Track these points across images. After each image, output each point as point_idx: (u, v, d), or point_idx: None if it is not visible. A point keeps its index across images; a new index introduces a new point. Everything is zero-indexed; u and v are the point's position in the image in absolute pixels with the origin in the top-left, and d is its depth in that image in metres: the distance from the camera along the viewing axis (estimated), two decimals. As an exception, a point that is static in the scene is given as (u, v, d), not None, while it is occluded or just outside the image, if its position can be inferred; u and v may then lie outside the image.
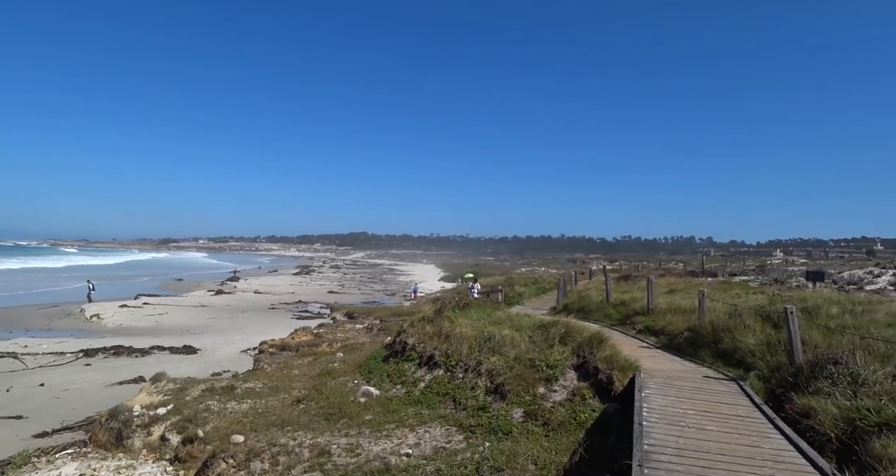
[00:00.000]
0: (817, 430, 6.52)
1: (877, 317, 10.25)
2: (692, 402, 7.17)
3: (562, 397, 8.72)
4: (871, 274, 23.81)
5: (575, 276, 30.04)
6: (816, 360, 7.89)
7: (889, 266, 25.47)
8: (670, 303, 14.39)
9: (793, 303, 10.45)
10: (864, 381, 7.11)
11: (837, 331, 9.17)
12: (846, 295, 14.58)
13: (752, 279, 25.43)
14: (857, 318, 10.29)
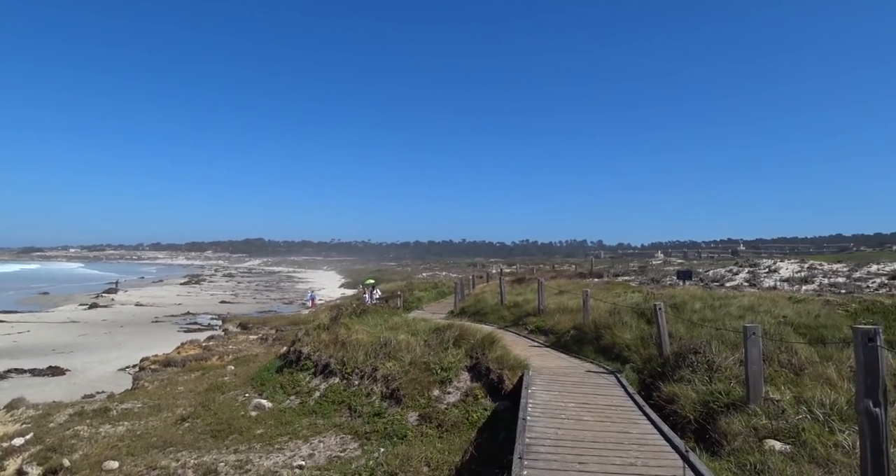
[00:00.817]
0: (679, 413, 7.23)
1: (731, 310, 11.53)
2: (573, 395, 7.67)
3: (456, 398, 8.95)
4: (731, 272, 26.74)
5: (473, 279, 30.82)
6: (680, 351, 8.75)
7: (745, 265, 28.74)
8: (559, 303, 15.25)
9: (663, 300, 11.46)
10: (717, 368, 7.99)
11: (699, 324, 10.20)
12: (709, 291, 16.25)
13: (632, 279, 27.59)
14: (715, 312, 11.50)
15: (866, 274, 23.79)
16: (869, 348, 3.92)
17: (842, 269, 25.77)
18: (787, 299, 12.89)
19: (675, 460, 5.13)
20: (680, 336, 9.48)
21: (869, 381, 3.94)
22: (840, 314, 11.10)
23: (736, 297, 12.98)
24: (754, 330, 6.67)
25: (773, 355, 8.04)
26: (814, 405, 6.15)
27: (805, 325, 10.02)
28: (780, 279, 23.59)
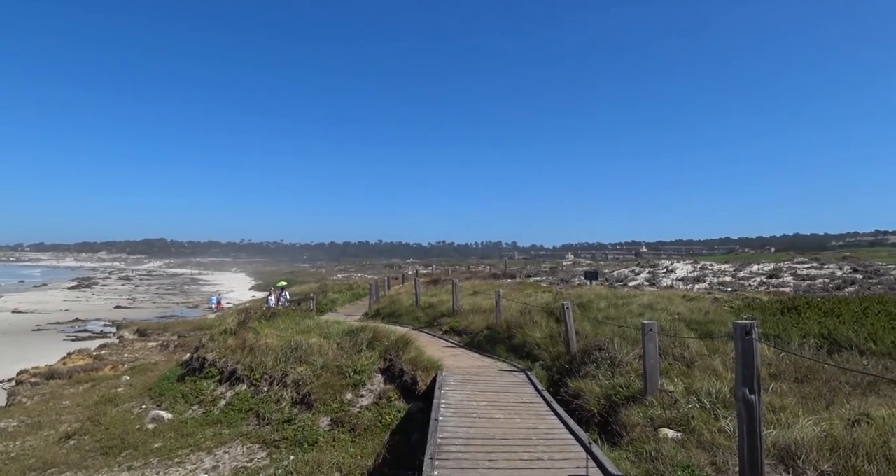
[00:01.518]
0: (585, 407, 7.58)
1: (632, 308, 12.25)
2: (486, 394, 7.82)
3: (369, 401, 8.85)
4: (634, 272, 28.49)
5: (389, 281, 30.68)
6: (586, 348, 9.18)
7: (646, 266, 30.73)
8: (473, 304, 15.51)
9: (571, 300, 11.97)
10: (619, 363, 8.44)
11: (603, 322, 10.76)
12: (613, 291, 17.20)
13: (544, 279, 28.66)
14: (618, 310, 12.18)
15: (748, 273, 26.22)
16: (746, 341, 4.30)
17: (728, 269, 28.23)
18: (681, 297, 13.89)
19: (580, 453, 5.37)
20: (586, 334, 9.94)
21: (746, 371, 4.32)
22: (726, 310, 12.10)
23: (637, 296, 13.81)
24: (651, 327, 7.11)
25: (668, 350, 8.63)
26: (702, 394, 6.64)
27: (696, 321, 10.84)
28: (676, 278, 25.46)
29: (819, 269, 26.23)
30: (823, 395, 6.66)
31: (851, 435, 4.76)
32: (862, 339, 8.46)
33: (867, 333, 8.70)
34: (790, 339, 8.74)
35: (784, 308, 11.34)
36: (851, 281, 21.14)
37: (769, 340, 8.80)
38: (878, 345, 8.26)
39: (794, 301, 12.10)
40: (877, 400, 6.21)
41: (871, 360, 7.91)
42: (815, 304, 11.56)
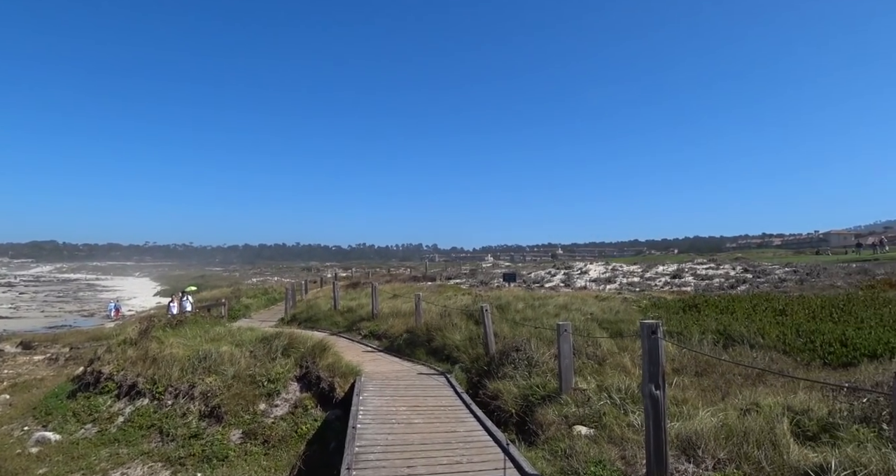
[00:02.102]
0: (503, 408, 7.68)
1: (548, 309, 12.64)
2: (405, 399, 7.74)
3: (284, 411, 8.51)
4: (550, 274, 29.46)
5: (306, 284, 29.80)
6: (504, 350, 9.32)
7: (561, 267, 31.90)
8: (393, 307, 15.38)
9: (489, 302, 12.16)
10: (536, 363, 8.64)
11: (521, 323, 11.00)
12: (531, 292, 17.69)
13: (464, 282, 28.99)
14: (535, 311, 12.51)
15: (655, 274, 27.92)
16: (652, 340, 4.52)
17: (637, 270, 29.90)
18: (594, 298, 14.53)
19: (498, 454, 5.42)
20: (504, 335, 10.11)
21: (652, 369, 4.54)
22: (635, 310, 12.79)
23: (553, 297, 14.28)
24: (566, 328, 7.33)
25: (582, 349, 8.95)
26: (613, 391, 6.92)
27: (608, 320, 11.34)
28: (589, 280, 26.62)
29: (715, 269, 28.41)
30: (720, 387, 7.16)
31: (743, 423, 5.12)
32: (752, 333, 9.20)
33: (756, 328, 9.48)
34: (691, 336, 9.35)
35: (686, 306, 12.14)
36: (743, 280, 23.04)
37: (673, 337, 9.37)
38: (765, 338, 9.01)
39: (694, 300, 13.01)
40: (765, 389, 6.75)
41: (760, 352, 8.62)
42: (712, 302, 12.46)
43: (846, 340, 8.58)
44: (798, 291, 16.88)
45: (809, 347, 8.55)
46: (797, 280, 21.43)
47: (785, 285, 19.98)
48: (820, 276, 21.74)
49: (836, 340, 8.60)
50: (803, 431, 5.06)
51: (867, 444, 4.38)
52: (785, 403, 5.57)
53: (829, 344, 8.52)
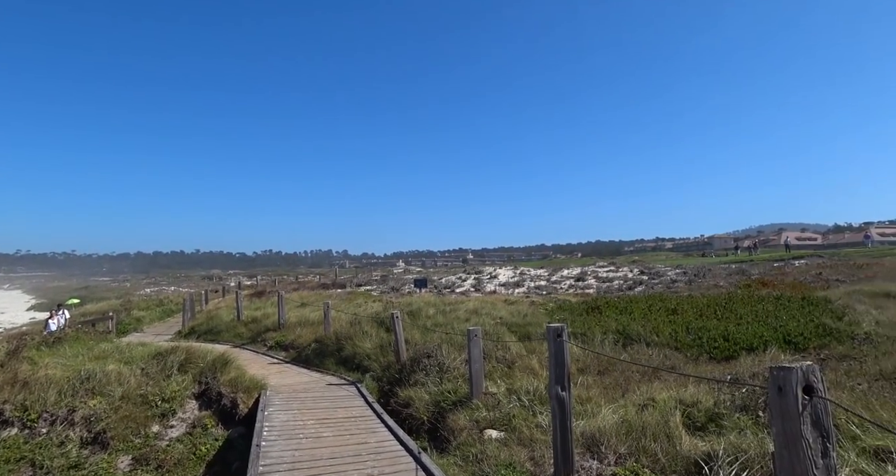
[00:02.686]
0: (415, 416, 7.62)
1: (459, 314, 12.75)
2: (314, 411, 7.46)
3: (180, 432, 7.89)
4: (461, 279, 29.82)
5: (206, 294, 28.09)
6: (416, 356, 9.27)
7: (472, 272, 32.44)
8: (301, 316, 14.86)
9: (400, 308, 12.08)
10: (447, 369, 8.66)
11: (432, 329, 11.00)
12: (442, 297, 17.78)
13: (374, 288, 28.63)
14: (446, 317, 12.58)
15: (560, 277, 29.11)
16: (557, 343, 4.65)
17: (543, 274, 31.03)
18: (503, 302, 14.86)
19: (410, 463, 5.34)
20: (415, 342, 10.06)
21: (558, 370, 4.67)
22: (542, 312, 13.22)
23: (463, 302, 14.43)
24: (476, 333, 7.40)
25: (492, 353, 9.09)
26: (522, 393, 7.07)
27: (516, 323, 11.63)
28: (499, 284, 27.25)
29: (615, 271, 30.13)
30: (620, 385, 7.54)
31: (641, 418, 5.40)
32: (648, 332, 9.80)
33: (652, 327, 10.10)
34: (594, 336, 9.80)
35: (588, 308, 12.72)
36: (640, 282, 24.59)
37: (577, 339, 9.76)
38: (659, 336, 9.63)
39: (596, 301, 13.68)
40: (660, 384, 7.18)
41: (655, 350, 9.20)
42: (612, 303, 13.16)
43: (728, 336, 9.37)
44: (687, 291, 18.27)
45: (698, 343, 9.24)
46: (686, 281, 23.22)
47: (676, 286, 21.57)
48: (706, 277, 23.71)
49: (719, 336, 9.36)
50: (693, 422, 5.42)
51: (746, 431, 4.77)
52: (677, 397, 5.95)
53: (713, 340, 9.26)
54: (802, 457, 2.01)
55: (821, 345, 9.02)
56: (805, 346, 9.00)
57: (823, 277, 19.99)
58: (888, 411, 5.02)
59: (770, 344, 8.86)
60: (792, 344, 9.03)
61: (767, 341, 8.98)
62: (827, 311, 11.15)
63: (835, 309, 11.45)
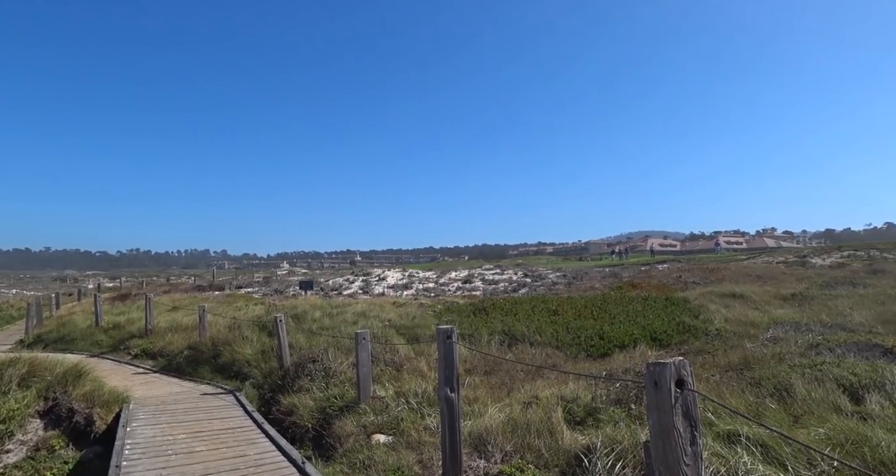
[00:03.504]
0: (299, 424, 7.28)
1: (347, 317, 12.47)
2: (185, 424, 6.86)
3: (19, 457, 6.87)
4: (349, 281, 29.26)
5: (57, 298, 24.95)
6: (300, 361, 8.89)
7: (360, 274, 31.99)
8: (173, 321, 13.68)
9: (284, 311, 11.55)
10: (334, 373, 8.40)
11: (318, 332, 10.63)
12: (328, 300, 17.30)
13: (256, 290, 27.20)
14: (333, 320, 12.23)
15: (448, 280, 29.59)
16: (447, 344, 4.65)
17: (432, 276, 31.37)
18: (391, 304, 14.77)
19: (293, 474, 5.08)
20: (300, 346, 9.66)
21: (447, 372, 4.67)
22: (430, 314, 13.32)
23: (351, 305, 14.15)
24: (364, 335, 7.24)
25: (380, 356, 8.96)
26: (410, 396, 7.02)
27: (405, 326, 11.60)
28: (387, 286, 27.09)
29: (501, 274, 31.24)
30: (506, 384, 7.76)
31: (526, 416, 5.57)
32: (531, 332, 10.22)
33: (535, 327, 10.55)
34: (481, 337, 10.03)
35: (476, 310, 13.03)
36: (524, 284, 25.70)
37: (465, 340, 9.93)
38: (542, 336, 10.07)
39: (483, 303, 14.05)
40: (543, 382, 7.49)
41: (538, 349, 9.61)
42: (498, 305, 13.59)
43: (603, 334, 10.04)
44: (567, 293, 19.39)
45: (576, 342, 9.80)
46: (566, 283, 24.66)
47: (557, 288, 22.83)
48: (583, 280, 25.35)
49: (595, 335, 9.99)
50: (573, 417, 5.69)
51: (621, 423, 5.09)
52: (559, 394, 6.23)
53: (590, 338, 9.87)
54: (674, 446, 2.14)
55: (681, 341, 9.95)
56: (668, 343, 9.88)
57: (683, 280, 22.20)
58: (735, 399, 5.62)
59: (639, 341, 9.62)
60: (657, 341, 9.87)
61: (637, 339, 9.74)
62: (686, 311, 12.35)
63: (692, 308, 12.72)
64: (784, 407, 5.40)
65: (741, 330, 10.48)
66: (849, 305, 12.01)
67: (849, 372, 5.99)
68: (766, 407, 5.37)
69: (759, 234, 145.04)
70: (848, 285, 15.84)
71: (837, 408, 5.24)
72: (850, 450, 3.97)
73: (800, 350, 7.95)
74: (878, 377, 5.76)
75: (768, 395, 5.78)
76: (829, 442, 4.16)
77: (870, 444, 3.97)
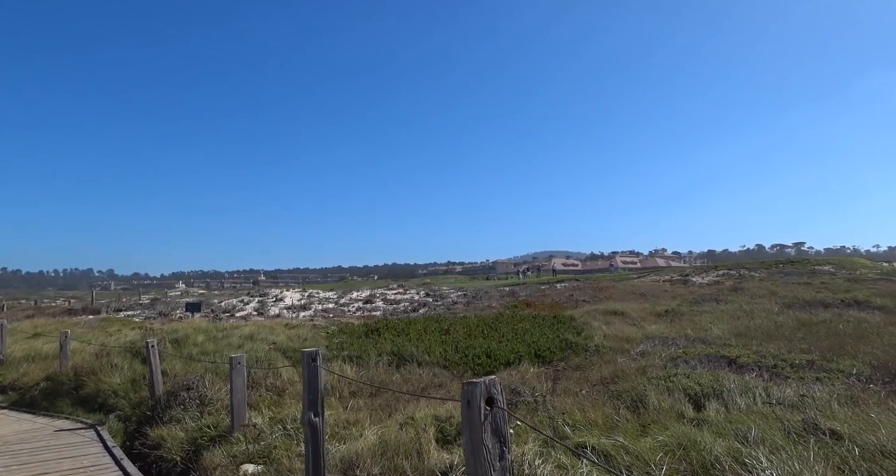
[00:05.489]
0: (166, 458, 6.80)
1: (232, 340, 11.90)
2: (28, 466, 6.20)
3: None
4: (243, 302, 27.95)
5: None
6: (173, 390, 8.34)
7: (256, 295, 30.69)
8: (31, 349, 12.37)
9: (162, 335, 10.83)
10: (209, 401, 7.96)
11: (198, 358, 10.05)
12: (216, 323, 16.41)
13: (139, 313, 25.24)
14: (217, 344, 11.62)
15: (349, 300, 29.13)
16: (311, 368, 4.60)
17: (332, 296, 30.73)
18: (284, 326, 14.29)
19: (144, 514, 4.73)
20: (176, 373, 9.10)
21: (311, 396, 4.60)
22: (323, 336, 13.02)
23: (239, 328, 13.53)
24: (239, 360, 6.95)
25: (262, 381, 8.63)
26: (288, 422, 6.80)
27: (293, 348, 11.25)
28: (284, 307, 26.17)
29: (403, 294, 31.25)
30: (390, 405, 7.74)
31: (398, 437, 5.59)
32: (420, 352, 10.28)
33: (424, 348, 10.63)
34: (369, 358, 9.94)
35: (369, 331, 12.91)
36: (424, 304, 25.87)
37: (353, 361, 9.81)
38: (430, 356, 10.17)
39: (377, 324, 13.96)
40: (426, 403, 7.55)
41: (426, 369, 9.68)
42: (392, 325, 13.57)
43: (490, 353, 10.31)
44: (465, 312, 19.74)
45: (464, 361, 9.98)
46: (465, 302, 25.13)
47: (456, 307, 23.19)
48: (482, 299, 25.94)
49: (482, 353, 10.24)
50: (445, 437, 5.78)
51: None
52: (433, 414, 6.30)
53: (477, 357, 10.10)
54: (483, 461, 2.25)
55: (562, 357, 10.44)
56: (550, 359, 10.33)
57: (574, 298, 23.37)
58: (595, 411, 5.98)
59: (524, 358, 9.98)
60: (541, 358, 10.29)
61: (521, 356, 10.09)
62: (570, 328, 13.00)
63: (576, 325, 13.41)
64: (637, 417, 5.82)
65: (617, 345, 11.19)
66: (710, 320, 13.22)
67: (695, 382, 6.58)
68: (621, 417, 5.75)
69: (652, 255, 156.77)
70: (713, 302, 17.47)
71: (681, 415, 5.73)
72: (680, 455, 4.35)
73: (662, 363, 8.62)
74: (718, 386, 6.37)
75: (625, 406, 6.20)
76: (665, 448, 4.53)
77: (697, 448, 4.37)
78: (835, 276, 30.75)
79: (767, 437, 4.66)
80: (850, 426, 4.86)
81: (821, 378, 7.27)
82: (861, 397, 6.25)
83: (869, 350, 8.83)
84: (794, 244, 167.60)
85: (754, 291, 20.79)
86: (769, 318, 13.17)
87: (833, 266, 38.37)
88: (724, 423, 5.28)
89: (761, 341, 10.14)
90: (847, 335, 10.29)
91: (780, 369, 7.88)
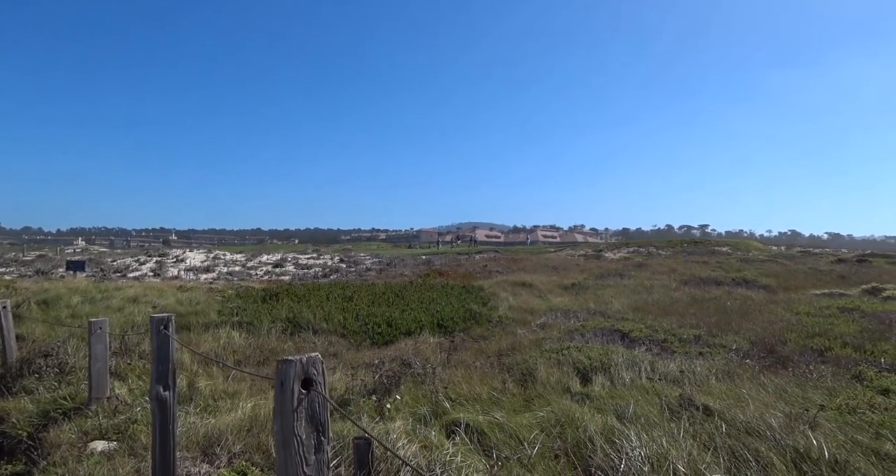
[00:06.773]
0: (10, 433, 6.05)
1: (113, 302, 10.90)
2: None
3: None
4: (139, 261, 25.99)
5: None
6: (29, 356, 7.47)
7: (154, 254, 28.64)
8: None
9: (29, 295, 9.70)
10: (71, 369, 7.19)
11: (68, 322, 9.09)
12: (99, 284, 15.04)
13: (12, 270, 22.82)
14: (95, 306, 10.61)
15: (258, 263, 27.88)
16: (161, 336, 4.05)
17: (240, 258, 29.27)
18: (176, 288, 13.29)
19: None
20: (35, 338, 8.16)
21: (161, 367, 4.07)
22: (218, 300, 12.21)
23: (123, 289, 12.43)
24: (101, 324, 6.22)
25: (135, 348, 7.89)
26: (157, 393, 6.21)
27: (182, 313, 10.44)
28: (185, 268, 24.57)
29: (317, 259, 30.33)
30: (276, 375, 7.28)
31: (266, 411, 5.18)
32: (318, 319, 9.82)
33: (324, 314, 10.18)
34: (261, 325, 9.37)
35: (268, 295, 12.25)
36: (336, 270, 25.17)
37: (243, 328, 9.20)
38: (329, 324, 9.74)
39: (278, 289, 13.28)
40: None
41: (322, 337, 9.25)
42: (294, 291, 12.95)
43: (392, 321, 10.01)
44: (376, 280, 19.33)
45: (364, 330, 9.63)
46: (379, 270, 24.69)
47: (369, 274, 22.72)
48: (396, 266, 25.61)
49: (383, 322, 9.93)
50: (325, 410, 5.44)
51: (363, 415, 4.95)
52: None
53: (378, 325, 9.78)
54: (294, 454, 1.90)
55: (465, 327, 10.33)
56: (453, 330, 10.18)
57: (488, 269, 23.56)
58: (484, 384, 5.83)
59: (425, 328, 9.76)
60: (443, 327, 10.12)
61: (423, 326, 9.87)
62: (477, 298, 12.94)
63: (484, 296, 13.38)
64: (524, 390, 5.72)
65: (521, 317, 11.24)
66: (612, 294, 13.62)
67: (585, 356, 6.59)
68: (507, 391, 5.63)
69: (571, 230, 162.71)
70: (617, 277, 18.12)
71: (567, 390, 5.69)
72: (557, 432, 4.23)
73: (559, 335, 8.67)
74: (607, 360, 6.41)
75: (514, 379, 6.10)
76: (543, 424, 4.40)
77: (574, 425, 4.27)
78: (730, 256, 33.03)
79: (644, 413, 4.66)
80: (721, 402, 4.96)
81: (703, 353, 7.53)
82: (737, 372, 6.50)
83: (750, 326, 9.32)
84: (700, 226, 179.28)
85: (657, 268, 21.81)
86: (666, 293, 13.74)
87: (730, 247, 41.30)
88: (607, 398, 5.27)
89: (656, 316, 10.50)
90: (733, 311, 10.86)
91: (670, 343, 8.11)
